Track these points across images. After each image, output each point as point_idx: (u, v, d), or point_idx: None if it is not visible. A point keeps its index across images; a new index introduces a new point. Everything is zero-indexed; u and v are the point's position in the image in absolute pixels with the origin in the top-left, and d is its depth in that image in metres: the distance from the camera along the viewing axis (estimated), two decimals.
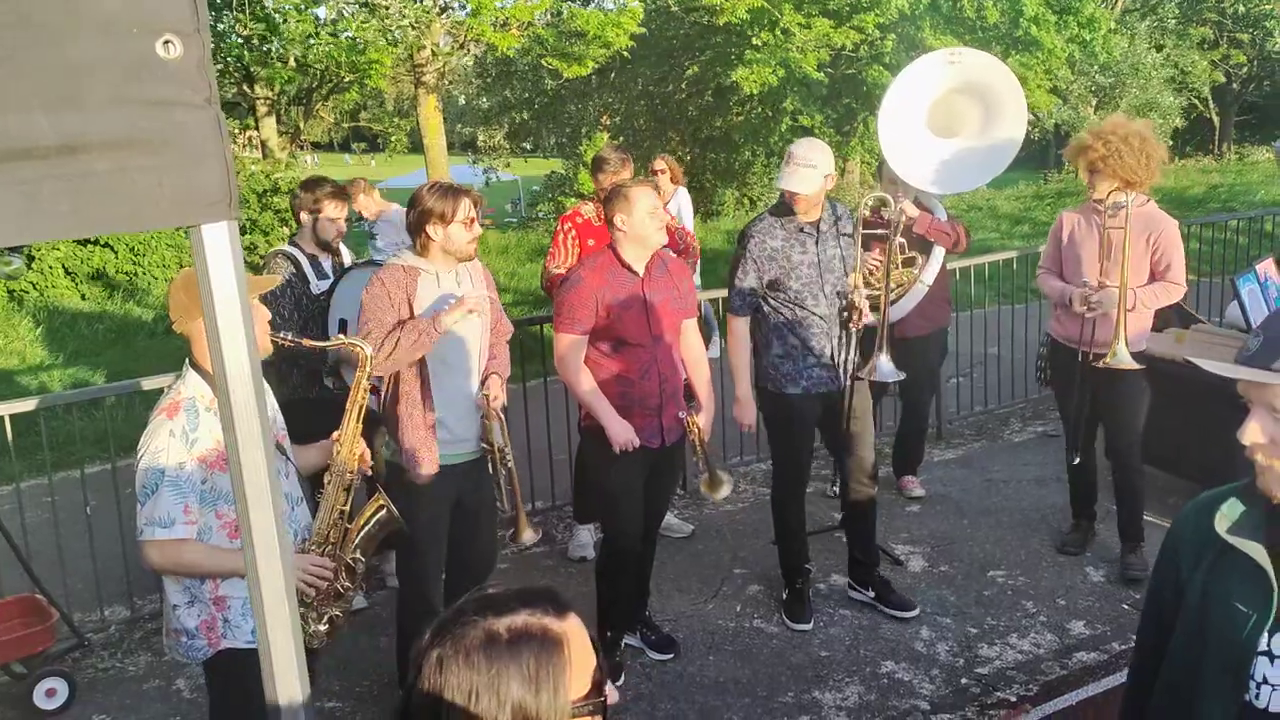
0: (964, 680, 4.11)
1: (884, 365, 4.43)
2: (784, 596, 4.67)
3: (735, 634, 4.49)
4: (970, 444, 6.72)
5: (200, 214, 1.04)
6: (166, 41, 1.00)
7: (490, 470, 3.75)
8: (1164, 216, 4.62)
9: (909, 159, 5.03)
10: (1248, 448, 1.51)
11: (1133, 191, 4.47)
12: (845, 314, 4.33)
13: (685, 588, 4.90)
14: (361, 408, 3.05)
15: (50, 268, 13.87)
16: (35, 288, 13.56)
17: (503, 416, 3.72)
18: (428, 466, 3.61)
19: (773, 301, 4.32)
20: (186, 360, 2.85)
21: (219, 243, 1.06)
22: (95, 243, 14.17)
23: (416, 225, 3.61)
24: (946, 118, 5.14)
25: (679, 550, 5.27)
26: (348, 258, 4.83)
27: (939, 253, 5.18)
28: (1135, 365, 4.42)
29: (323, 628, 3.02)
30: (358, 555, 3.03)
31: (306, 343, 3.26)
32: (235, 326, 1.08)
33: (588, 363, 3.94)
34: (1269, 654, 1.56)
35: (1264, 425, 1.48)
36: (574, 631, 1.25)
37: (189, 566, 2.74)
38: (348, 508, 3.03)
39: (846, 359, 4.40)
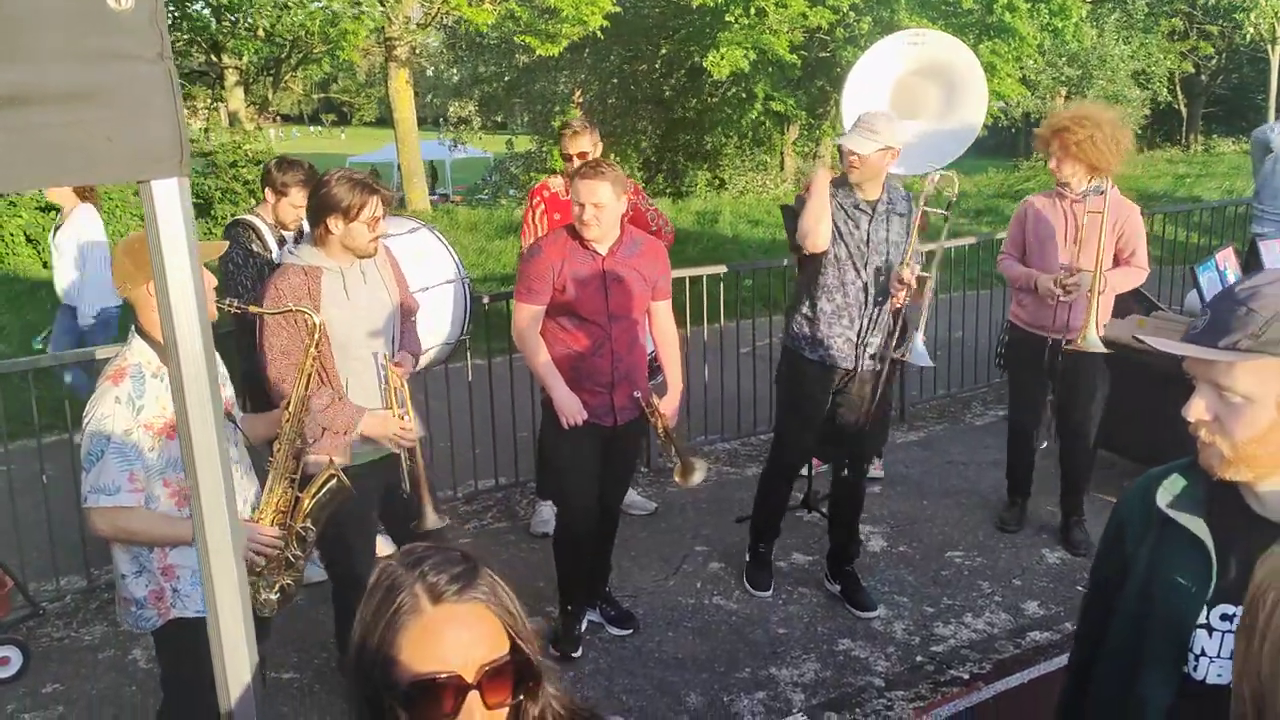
0: (919, 658, 4.16)
1: (919, 347, 4.30)
2: (745, 560, 4.72)
3: (695, 610, 4.52)
4: (932, 426, 6.79)
5: (150, 169, 1.03)
6: None
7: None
8: (1129, 203, 4.73)
9: None
10: (1191, 424, 1.54)
11: (1099, 177, 4.57)
12: (884, 283, 4.22)
13: (646, 564, 4.92)
14: (309, 376, 3.03)
15: (11, 235, 13.63)
16: None
17: (405, 388, 3.53)
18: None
19: (819, 262, 4.24)
20: (132, 327, 2.81)
21: (169, 199, 1.05)
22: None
23: (317, 214, 3.34)
24: (909, 98, 5.17)
25: (642, 527, 5.29)
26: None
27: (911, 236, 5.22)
28: (1104, 349, 4.47)
29: (273, 596, 3.01)
30: (308, 524, 3.02)
31: (253, 309, 3.22)
32: (185, 283, 1.07)
33: (544, 335, 3.94)
34: (1207, 627, 1.60)
35: (1208, 402, 1.51)
36: (440, 620, 1.26)
37: (134, 534, 2.72)
38: (298, 476, 3.01)
39: (870, 340, 4.28)
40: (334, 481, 3.15)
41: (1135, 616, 1.68)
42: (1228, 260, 5.35)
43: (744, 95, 17.65)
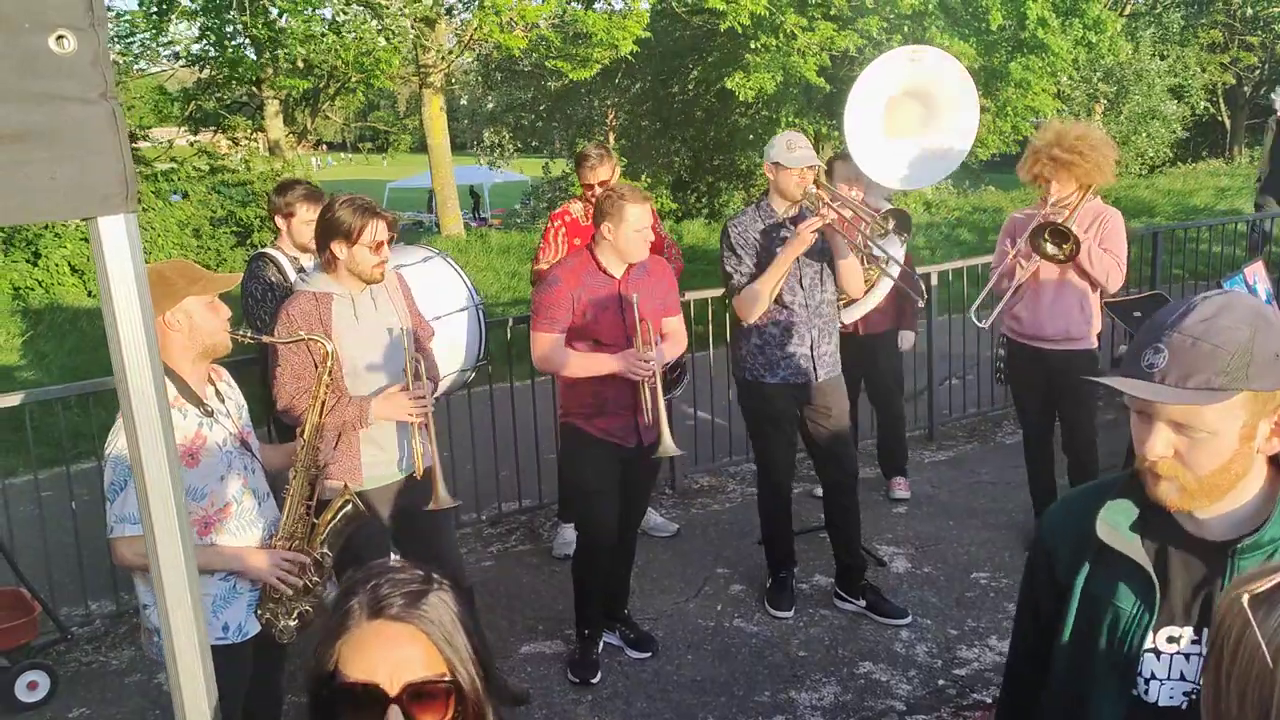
0: (941, 682, 4.11)
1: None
2: (767, 585, 4.70)
3: (715, 633, 4.50)
4: (961, 445, 6.72)
5: (96, 207, 1.05)
6: (60, 37, 1.02)
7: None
8: (1110, 208, 4.77)
9: (871, 155, 5.06)
10: (1150, 461, 1.48)
11: (1089, 191, 4.64)
12: (821, 295, 4.38)
13: (667, 587, 4.90)
14: (323, 403, 3.07)
15: (56, 265, 13.93)
16: (41, 285, 13.62)
17: (423, 363, 3.57)
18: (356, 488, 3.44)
19: None
20: None
21: (116, 236, 1.07)
22: None
23: (321, 240, 3.40)
24: (900, 116, 5.19)
25: (663, 549, 5.28)
26: None
27: (900, 248, 5.23)
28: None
29: (292, 623, 3.04)
30: (325, 550, 3.04)
31: (265, 339, 3.28)
32: (135, 318, 1.09)
33: None
34: (1155, 651, 1.58)
35: (1170, 439, 1.46)
36: (373, 633, 1.28)
37: None
38: (314, 502, 3.05)
39: (823, 350, 4.43)
40: (349, 507, 3.18)
41: (1078, 645, 1.65)
42: (1257, 274, 5.22)
43: (773, 117, 17.64)
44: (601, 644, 4.30)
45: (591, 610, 4.22)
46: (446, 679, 1.28)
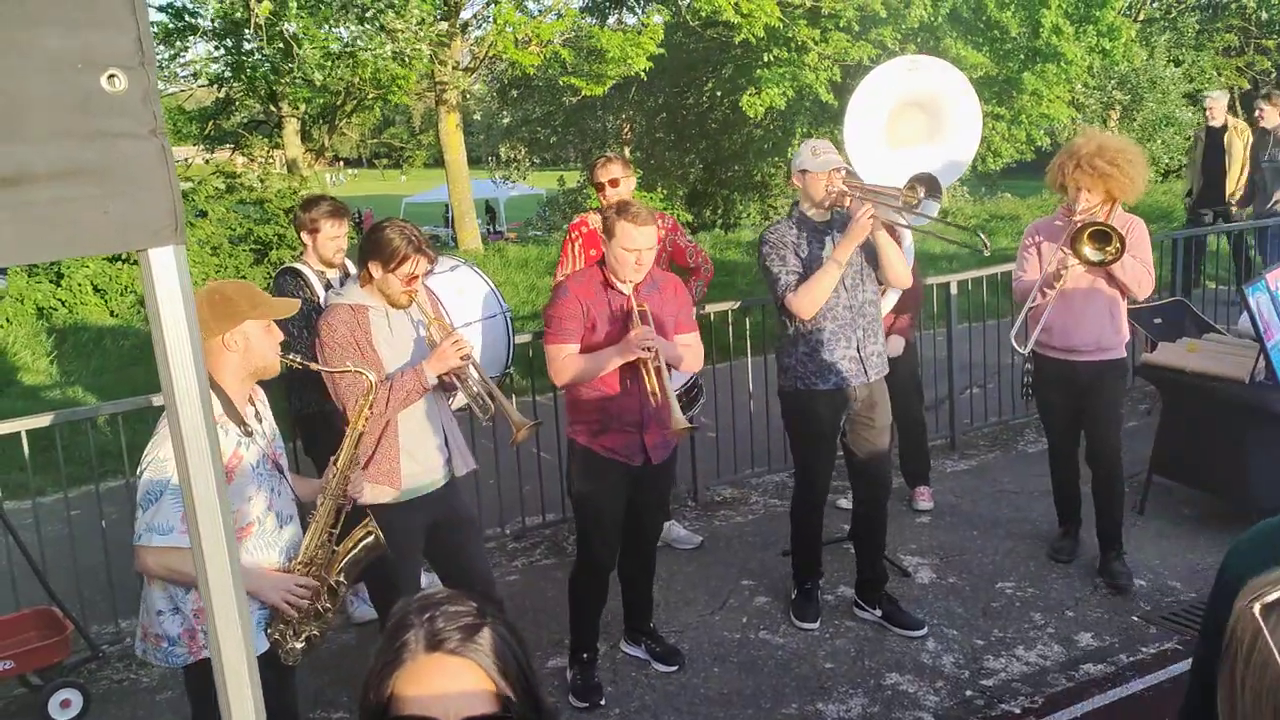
0: (968, 692, 4.10)
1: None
2: (792, 596, 4.70)
3: (741, 645, 4.50)
4: (984, 454, 6.70)
5: (146, 239, 1.08)
6: (111, 76, 1.05)
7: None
8: (1134, 216, 4.75)
9: (875, 167, 5.07)
10: None
11: (1115, 204, 4.62)
12: (862, 295, 4.33)
13: (692, 599, 4.91)
14: (361, 435, 3.12)
15: (79, 285, 14.07)
16: (64, 305, 13.76)
17: (445, 315, 3.69)
18: (392, 497, 3.54)
19: None
20: None
21: (166, 267, 1.10)
22: (125, 260, 14.34)
23: (362, 255, 3.51)
24: (904, 127, 5.20)
25: (687, 562, 5.28)
26: (354, 269, 4.89)
27: (908, 256, 5.24)
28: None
29: (299, 645, 3.06)
30: (341, 578, 3.08)
31: (314, 367, 3.33)
32: (184, 345, 1.12)
33: None
34: None
35: None
36: (430, 667, 1.29)
37: (182, 575, 2.80)
38: (337, 530, 3.08)
39: (869, 350, 4.37)
40: (370, 538, 3.21)
41: None
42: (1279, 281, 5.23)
43: (787, 128, 17.70)
44: (597, 666, 4.26)
45: (588, 631, 4.19)
46: (503, 715, 1.28)
